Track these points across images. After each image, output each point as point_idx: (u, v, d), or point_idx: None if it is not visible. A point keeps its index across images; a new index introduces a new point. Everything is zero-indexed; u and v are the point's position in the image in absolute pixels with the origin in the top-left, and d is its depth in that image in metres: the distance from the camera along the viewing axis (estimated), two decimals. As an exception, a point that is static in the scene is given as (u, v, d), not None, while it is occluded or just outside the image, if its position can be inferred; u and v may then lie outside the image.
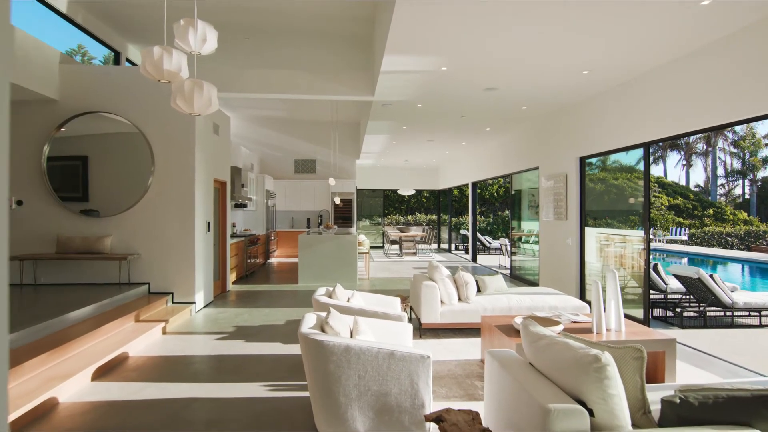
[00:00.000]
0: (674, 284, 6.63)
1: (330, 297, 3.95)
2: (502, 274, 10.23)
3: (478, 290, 5.32)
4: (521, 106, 7.01)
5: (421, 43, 4.48)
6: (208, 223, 6.72)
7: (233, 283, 8.51)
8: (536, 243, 9.88)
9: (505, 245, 10.92)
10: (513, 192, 10.59)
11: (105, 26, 6.78)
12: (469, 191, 13.05)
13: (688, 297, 6.48)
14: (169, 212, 6.16)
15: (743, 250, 17.59)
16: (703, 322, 5.84)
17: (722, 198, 29.24)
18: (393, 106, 7.00)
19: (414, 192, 16.93)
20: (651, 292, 6.06)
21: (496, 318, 4.16)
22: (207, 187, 6.70)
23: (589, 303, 5.70)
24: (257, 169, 12.44)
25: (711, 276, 5.77)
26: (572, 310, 4.93)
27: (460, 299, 5.03)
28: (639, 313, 5.84)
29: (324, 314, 3.14)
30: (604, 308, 3.73)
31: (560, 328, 3.53)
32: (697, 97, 4.59)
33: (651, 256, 5.94)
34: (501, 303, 4.94)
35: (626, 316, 5.79)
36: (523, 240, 10.26)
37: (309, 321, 2.89)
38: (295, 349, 4.50)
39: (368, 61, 6.56)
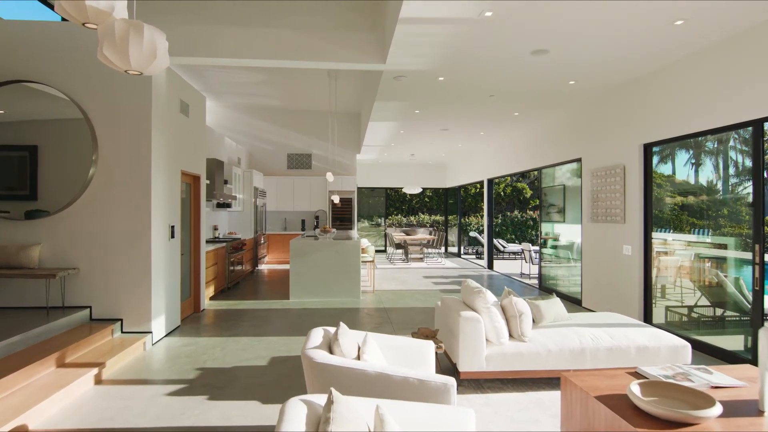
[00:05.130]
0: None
1: (330, 349, 2.51)
2: (521, 285, 8.80)
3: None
4: (569, 81, 5.59)
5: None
6: (172, 227, 5.25)
7: (210, 298, 7.04)
8: (554, 247, 8.55)
9: (530, 250, 9.49)
10: (540, 188, 9.17)
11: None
12: (485, 189, 11.62)
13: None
14: (118, 213, 4.70)
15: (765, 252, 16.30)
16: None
17: (727, 197, 27.99)
18: (407, 79, 5.56)
19: (420, 190, 15.50)
20: (731, 313, 4.82)
21: (585, 376, 2.71)
22: (171, 181, 5.24)
23: (670, 332, 4.20)
24: (245, 164, 10.96)
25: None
26: (670, 352, 3.52)
27: (511, 336, 3.60)
28: (735, 344, 4.47)
29: (321, 403, 1.71)
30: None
31: (718, 411, 2.10)
32: None
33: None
34: (570, 342, 3.51)
35: (719, 350, 4.40)
36: (548, 244, 8.82)
37: (291, 428, 1.46)
38: (277, 414, 3.06)
39: (377, 18, 5.11)
